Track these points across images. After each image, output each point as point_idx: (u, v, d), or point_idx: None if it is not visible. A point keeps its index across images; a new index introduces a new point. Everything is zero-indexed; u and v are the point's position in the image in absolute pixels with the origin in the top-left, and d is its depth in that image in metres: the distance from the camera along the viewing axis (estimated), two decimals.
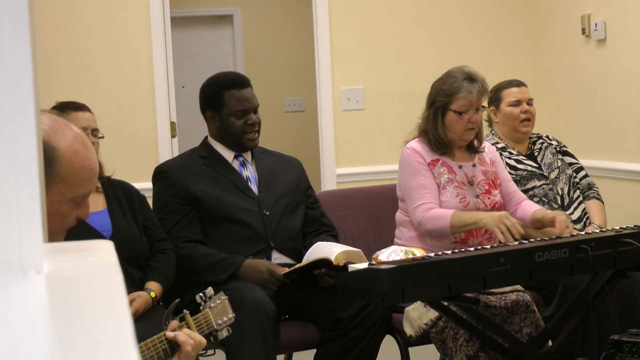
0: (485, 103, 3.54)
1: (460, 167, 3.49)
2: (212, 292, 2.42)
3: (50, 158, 1.74)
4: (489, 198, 3.48)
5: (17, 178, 0.81)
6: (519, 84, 3.99)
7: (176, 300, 2.41)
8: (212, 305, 2.39)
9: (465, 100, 3.39)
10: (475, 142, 3.54)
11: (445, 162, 3.47)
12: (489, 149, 3.62)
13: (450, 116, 3.42)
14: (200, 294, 2.40)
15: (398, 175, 3.54)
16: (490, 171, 3.55)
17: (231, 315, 2.42)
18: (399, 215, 3.57)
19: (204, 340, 2.21)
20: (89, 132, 3.20)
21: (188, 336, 2.16)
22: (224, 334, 2.40)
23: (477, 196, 3.46)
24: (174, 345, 2.16)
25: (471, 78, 3.40)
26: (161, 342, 2.15)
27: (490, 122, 4.00)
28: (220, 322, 2.38)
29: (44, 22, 4.65)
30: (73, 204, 1.80)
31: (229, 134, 3.48)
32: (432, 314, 3.16)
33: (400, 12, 5.09)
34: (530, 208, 3.51)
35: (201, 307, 2.38)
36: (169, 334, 2.16)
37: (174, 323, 2.26)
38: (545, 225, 3.39)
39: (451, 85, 3.41)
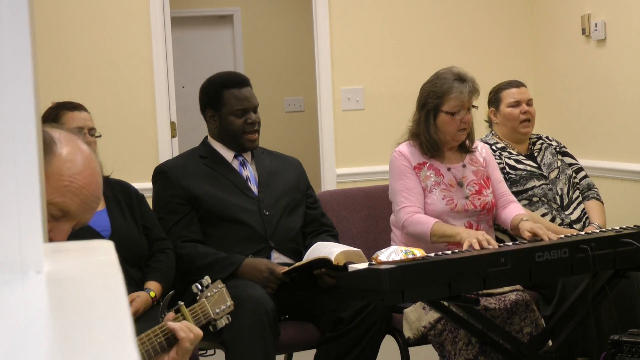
0: (476, 103, 3.54)
1: (448, 169, 3.49)
2: (209, 281, 2.38)
3: (45, 151, 1.67)
4: (479, 199, 3.47)
5: (17, 178, 0.81)
6: (518, 84, 3.99)
7: (170, 292, 2.39)
8: (209, 294, 2.35)
9: (456, 100, 3.39)
10: (467, 142, 3.53)
11: (432, 165, 3.46)
12: (482, 148, 3.62)
13: (442, 117, 3.42)
14: (197, 283, 2.35)
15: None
16: (481, 171, 3.54)
17: (229, 302, 2.37)
18: (392, 218, 3.57)
19: (200, 332, 2.17)
20: (85, 131, 3.20)
21: (189, 330, 2.13)
22: (222, 322, 2.35)
23: (467, 197, 3.46)
24: (170, 338, 2.13)
25: (461, 78, 3.40)
26: (156, 335, 2.12)
27: (490, 123, 4.00)
28: (217, 310, 2.34)
29: (44, 22, 4.65)
30: (48, 213, 1.65)
31: (229, 133, 3.48)
32: (431, 316, 3.16)
33: (400, 12, 5.09)
34: (512, 212, 3.45)
35: (197, 297, 2.35)
36: (170, 324, 2.13)
37: (170, 315, 2.23)
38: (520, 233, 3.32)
39: (441, 86, 3.40)
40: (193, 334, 2.13)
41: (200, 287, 2.35)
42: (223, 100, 3.47)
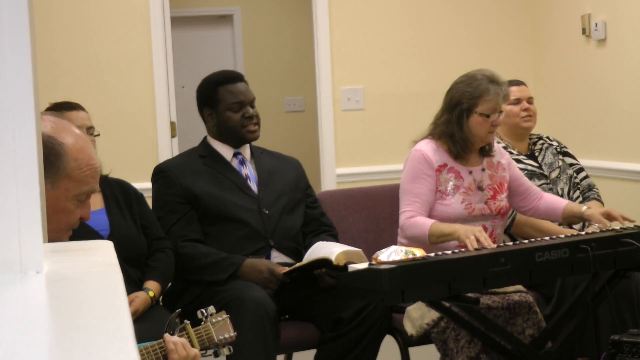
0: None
1: (470, 172, 3.47)
2: (214, 310, 2.43)
3: (58, 152, 1.80)
4: (494, 203, 3.47)
5: (17, 179, 0.81)
6: (518, 83, 3.99)
7: (177, 311, 2.42)
8: (214, 320, 2.40)
9: (492, 103, 3.37)
10: (487, 145, 3.52)
11: (452, 168, 3.43)
12: (498, 151, 3.61)
13: (474, 119, 3.38)
14: (202, 310, 2.41)
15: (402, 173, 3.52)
16: (496, 175, 3.54)
17: (232, 334, 2.42)
18: None
19: (197, 352, 2.22)
20: (84, 130, 3.20)
21: (182, 346, 2.18)
22: (225, 351, 2.41)
23: (485, 202, 3.45)
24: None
25: (496, 81, 3.39)
26: (161, 347, 2.18)
27: None
28: (221, 337, 2.39)
29: (44, 22, 4.64)
30: (77, 201, 1.87)
31: (228, 129, 3.48)
32: (434, 314, 3.16)
33: (401, 12, 5.09)
34: (554, 200, 3.56)
35: (202, 323, 2.39)
36: (166, 337, 2.19)
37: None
38: (582, 219, 3.47)
39: (477, 87, 3.37)
40: (186, 352, 2.17)
41: (205, 313, 2.40)
42: (218, 96, 3.47)
